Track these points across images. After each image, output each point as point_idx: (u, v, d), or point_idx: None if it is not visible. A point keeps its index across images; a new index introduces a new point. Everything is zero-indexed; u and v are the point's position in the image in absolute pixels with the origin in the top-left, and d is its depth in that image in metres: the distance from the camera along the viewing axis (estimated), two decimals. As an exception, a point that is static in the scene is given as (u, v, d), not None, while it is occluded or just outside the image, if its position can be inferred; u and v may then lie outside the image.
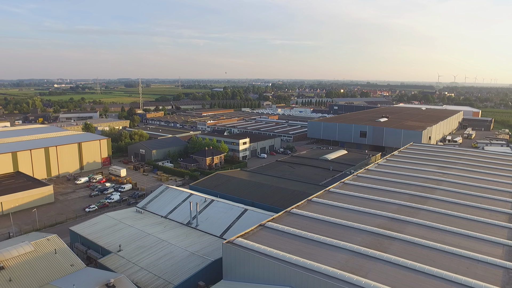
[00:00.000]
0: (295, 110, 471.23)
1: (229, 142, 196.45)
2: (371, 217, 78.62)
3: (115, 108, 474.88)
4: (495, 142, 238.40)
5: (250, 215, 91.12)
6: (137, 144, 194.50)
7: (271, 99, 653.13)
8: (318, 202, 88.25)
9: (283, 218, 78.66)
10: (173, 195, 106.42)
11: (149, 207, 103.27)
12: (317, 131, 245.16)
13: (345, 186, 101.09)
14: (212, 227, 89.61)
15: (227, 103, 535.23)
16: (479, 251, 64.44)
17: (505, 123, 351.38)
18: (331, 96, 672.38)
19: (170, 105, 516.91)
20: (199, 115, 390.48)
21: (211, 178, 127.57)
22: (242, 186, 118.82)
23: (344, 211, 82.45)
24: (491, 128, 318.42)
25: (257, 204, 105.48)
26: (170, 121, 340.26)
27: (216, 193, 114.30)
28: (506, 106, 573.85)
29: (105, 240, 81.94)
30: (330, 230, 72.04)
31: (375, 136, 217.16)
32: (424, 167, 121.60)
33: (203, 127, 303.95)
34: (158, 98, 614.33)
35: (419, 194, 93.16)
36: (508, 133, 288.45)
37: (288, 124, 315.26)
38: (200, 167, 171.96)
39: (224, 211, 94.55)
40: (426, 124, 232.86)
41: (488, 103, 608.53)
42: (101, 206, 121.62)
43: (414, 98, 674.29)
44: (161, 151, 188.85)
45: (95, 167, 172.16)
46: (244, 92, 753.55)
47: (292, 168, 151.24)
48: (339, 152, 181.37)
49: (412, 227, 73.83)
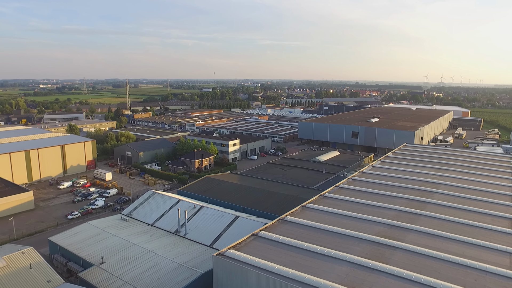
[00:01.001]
0: (285, 110, 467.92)
1: (218, 144, 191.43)
2: (370, 225, 74.60)
3: (102, 108, 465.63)
4: (486, 142, 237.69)
5: (241, 223, 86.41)
6: (123, 146, 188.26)
7: (260, 99, 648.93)
8: (313, 208, 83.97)
9: (277, 226, 74.12)
10: (160, 201, 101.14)
11: (135, 214, 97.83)
12: (308, 131, 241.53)
13: (341, 191, 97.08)
14: (202, 236, 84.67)
15: (216, 103, 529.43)
16: (485, 260, 60.78)
17: (494, 123, 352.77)
18: (321, 96, 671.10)
19: (158, 105, 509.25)
20: (188, 116, 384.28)
21: (200, 182, 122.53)
22: (232, 191, 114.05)
23: (341, 218, 78.32)
24: (481, 128, 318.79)
25: (248, 210, 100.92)
26: (158, 122, 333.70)
27: (205, 198, 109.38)
28: (494, 106, 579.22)
29: (86, 252, 76.44)
30: (327, 240, 67.76)
31: (367, 136, 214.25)
32: (420, 169, 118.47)
33: (192, 128, 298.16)
34: (146, 99, 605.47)
35: (417, 199, 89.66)
36: (498, 133, 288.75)
37: (278, 124, 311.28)
38: (189, 169, 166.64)
39: (214, 218, 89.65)
40: (417, 124, 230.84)
41: (476, 103, 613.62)
42: (85, 213, 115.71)
43: (403, 98, 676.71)
44: (149, 153, 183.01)
45: (80, 171, 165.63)
46: (233, 93, 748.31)
47: (284, 171, 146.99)
48: (332, 154, 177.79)
49: (413, 235, 69.96)
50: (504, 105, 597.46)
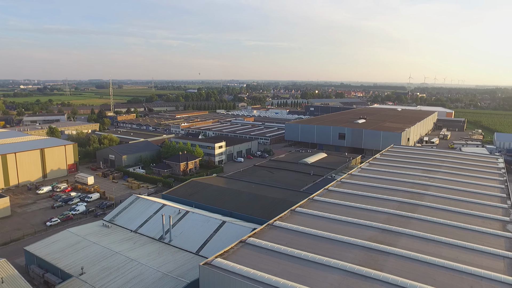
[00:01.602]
0: (271, 111, 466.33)
1: (204, 146, 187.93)
2: (361, 229, 72.59)
3: (85, 110, 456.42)
4: (470, 142, 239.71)
5: (228, 228, 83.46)
6: (106, 149, 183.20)
7: (246, 100, 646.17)
8: (302, 212, 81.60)
9: (266, 232, 71.46)
10: (144, 206, 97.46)
11: (117, 220, 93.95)
12: (294, 133, 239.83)
13: (330, 194, 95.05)
14: (187, 243, 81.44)
15: (201, 104, 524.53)
16: (480, 265, 59.27)
17: (477, 124, 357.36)
18: (307, 97, 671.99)
19: (143, 107, 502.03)
20: (173, 118, 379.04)
21: (186, 186, 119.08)
22: (219, 195, 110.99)
23: (331, 222, 76.15)
24: (465, 128, 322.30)
25: (235, 214, 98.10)
26: (142, 124, 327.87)
27: (191, 202, 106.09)
28: (476, 107, 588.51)
29: (65, 262, 72.47)
30: (318, 246, 65.38)
31: (354, 138, 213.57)
32: (409, 170, 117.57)
33: (177, 130, 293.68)
34: (130, 100, 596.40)
35: (408, 201, 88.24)
36: (482, 134, 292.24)
37: (265, 126, 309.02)
38: (174, 173, 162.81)
39: (200, 224, 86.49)
40: (404, 125, 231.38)
41: (459, 104, 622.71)
42: (65, 219, 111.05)
43: (388, 98, 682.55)
44: (132, 156, 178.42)
45: (60, 175, 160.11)
46: (219, 94, 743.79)
47: (271, 173, 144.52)
48: (319, 155, 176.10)
49: (405, 239, 68.17)
50: (485, 106, 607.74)
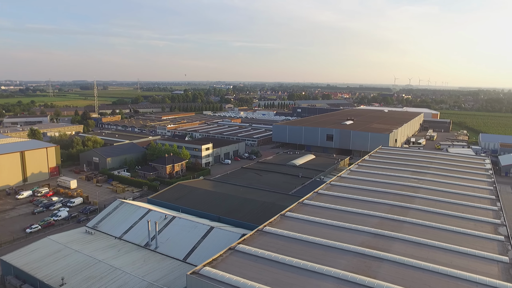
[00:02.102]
0: (258, 113, 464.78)
1: (190, 148, 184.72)
2: (353, 234, 70.89)
3: (69, 112, 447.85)
4: (456, 143, 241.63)
5: (216, 234, 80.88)
6: (90, 152, 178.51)
7: (233, 101, 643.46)
8: (292, 217, 79.53)
9: (256, 238, 69.15)
10: (129, 212, 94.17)
11: (101, 227, 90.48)
12: (282, 134, 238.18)
13: (320, 197, 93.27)
14: (174, 249, 78.60)
15: (188, 106, 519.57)
16: (474, 270, 58.03)
17: (462, 125, 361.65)
18: (293, 99, 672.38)
19: (128, 108, 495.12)
20: (159, 119, 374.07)
21: (172, 190, 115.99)
22: (206, 199, 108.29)
23: (323, 227, 74.26)
24: (450, 129, 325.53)
25: (223, 219, 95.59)
26: (127, 126, 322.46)
27: (177, 207, 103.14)
28: (460, 108, 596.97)
29: (45, 272, 68.91)
30: (310, 252, 63.36)
31: (342, 139, 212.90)
32: (398, 172, 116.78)
33: (163, 131, 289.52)
34: (116, 101, 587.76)
35: (399, 204, 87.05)
36: (467, 134, 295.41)
37: (252, 127, 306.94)
38: (160, 175, 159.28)
39: (187, 229, 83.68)
40: (391, 126, 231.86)
41: (443, 105, 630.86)
42: (46, 226, 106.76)
43: (374, 100, 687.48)
44: (117, 158, 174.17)
45: (42, 179, 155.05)
46: (205, 95, 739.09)
47: (259, 176, 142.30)
48: (307, 157, 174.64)
49: (398, 244, 66.66)
50: (469, 107, 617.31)
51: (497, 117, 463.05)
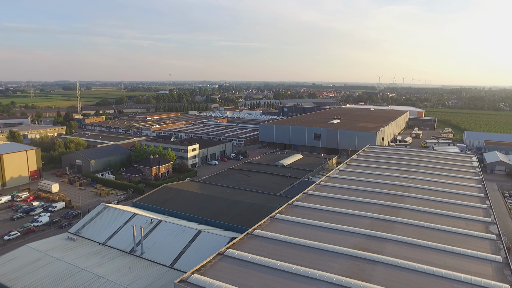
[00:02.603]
0: (244, 112, 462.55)
1: (176, 149, 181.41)
2: (345, 236, 69.32)
3: (51, 113, 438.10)
4: (442, 141, 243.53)
5: (204, 238, 78.38)
6: (72, 154, 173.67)
7: (218, 101, 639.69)
8: (282, 219, 77.59)
9: (245, 242, 66.97)
10: (113, 216, 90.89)
11: (84, 232, 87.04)
12: (269, 134, 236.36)
13: (309, 198, 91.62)
14: (161, 255, 75.83)
15: (173, 106, 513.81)
16: (468, 271, 56.99)
17: (446, 122, 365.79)
18: (279, 98, 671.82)
19: (112, 109, 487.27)
20: (144, 120, 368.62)
21: (158, 193, 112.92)
22: (193, 201, 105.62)
23: (314, 229, 72.51)
24: (435, 127, 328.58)
25: (211, 222, 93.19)
26: (111, 127, 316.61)
27: (164, 210, 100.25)
28: (444, 106, 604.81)
29: (23, 283, 65.39)
30: (301, 256, 61.49)
31: (329, 138, 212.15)
32: (387, 171, 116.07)
33: (148, 132, 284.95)
34: (99, 102, 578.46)
35: (390, 204, 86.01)
36: (452, 132, 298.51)
37: (238, 127, 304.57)
38: (145, 178, 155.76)
39: (174, 234, 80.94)
40: (378, 125, 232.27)
41: (427, 103, 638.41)
42: (25, 232, 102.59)
43: (359, 98, 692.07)
44: (101, 161, 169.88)
45: (21, 183, 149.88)
46: (191, 95, 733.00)
47: (247, 177, 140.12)
48: (295, 157, 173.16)
49: (391, 246, 65.30)
50: (453, 105, 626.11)
51: (479, 114, 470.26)
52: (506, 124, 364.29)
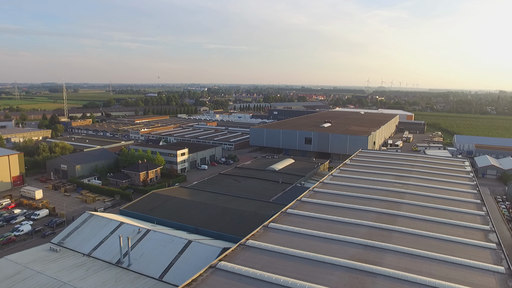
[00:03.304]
0: (234, 115, 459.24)
1: (165, 154, 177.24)
2: (342, 246, 66.53)
3: (36, 115, 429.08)
4: (433, 145, 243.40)
5: (195, 249, 74.92)
6: (57, 159, 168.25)
7: (208, 104, 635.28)
8: (276, 228, 74.53)
9: (238, 254, 63.73)
10: (99, 225, 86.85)
11: (68, 242, 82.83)
12: (260, 138, 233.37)
13: (303, 206, 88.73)
14: (149, 267, 72.13)
15: (162, 109, 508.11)
16: (471, 283, 54.66)
17: (436, 126, 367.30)
18: (269, 101, 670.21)
19: (100, 111, 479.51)
20: (132, 123, 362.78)
21: (146, 200, 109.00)
22: (183, 209, 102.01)
23: (309, 239, 69.59)
24: (425, 130, 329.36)
25: (202, 230, 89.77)
26: (99, 130, 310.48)
27: (152, 218, 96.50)
28: (432, 109, 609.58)
29: (1, 299, 61.26)
30: (297, 268, 58.49)
31: (320, 142, 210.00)
32: (381, 177, 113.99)
33: (136, 136, 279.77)
34: (87, 104, 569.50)
35: (386, 212, 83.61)
36: (441, 136, 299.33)
37: (228, 131, 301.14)
38: (133, 183, 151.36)
39: (163, 244, 77.31)
40: (369, 129, 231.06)
41: (416, 107, 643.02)
42: (5, 242, 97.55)
43: (348, 102, 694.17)
44: (87, 165, 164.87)
45: (3, 189, 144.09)
46: (180, 98, 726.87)
47: (237, 182, 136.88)
48: (286, 161, 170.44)
49: (391, 256, 62.68)
50: (441, 109, 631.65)
51: (467, 118, 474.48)
52: (494, 128, 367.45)
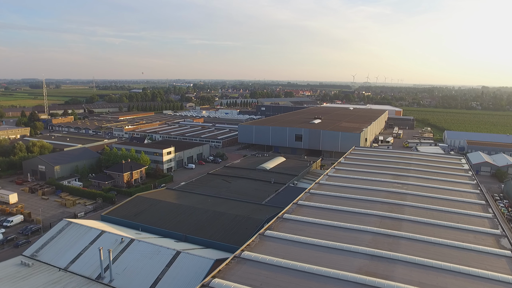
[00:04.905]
0: (221, 111, 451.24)
1: (150, 153, 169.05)
2: (347, 257, 60.45)
3: (15, 112, 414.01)
4: (424, 141, 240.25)
5: (184, 261, 67.92)
6: (35, 159, 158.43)
7: (194, 100, 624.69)
8: (273, 237, 68.06)
9: (233, 268, 57.03)
10: (77, 235, 79.11)
11: (42, 255, 74.90)
12: (248, 135, 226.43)
13: (300, 210, 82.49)
14: (133, 282, 64.93)
15: (146, 105, 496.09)
16: (494, 300, 49.26)
17: (424, 121, 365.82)
18: (256, 97, 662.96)
19: (82, 108, 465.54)
20: (116, 120, 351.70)
21: (130, 204, 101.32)
22: (170, 213, 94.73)
23: (310, 248, 63.36)
24: (414, 126, 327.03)
25: (191, 238, 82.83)
26: (81, 128, 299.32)
27: (137, 225, 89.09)
28: (419, 105, 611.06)
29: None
30: (300, 285, 52.23)
31: (311, 139, 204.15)
32: (378, 176, 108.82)
33: (120, 133, 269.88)
34: (69, 101, 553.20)
35: (389, 215, 77.99)
36: (431, 131, 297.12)
37: (215, 127, 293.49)
38: (117, 184, 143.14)
39: (149, 256, 70.09)
40: (360, 125, 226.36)
41: (403, 102, 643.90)
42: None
43: (336, 97, 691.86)
44: (67, 166, 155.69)
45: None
46: (165, 93, 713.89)
47: (227, 183, 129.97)
48: (277, 160, 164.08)
49: (401, 268, 56.85)
50: (427, 104, 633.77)
51: (454, 113, 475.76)
52: (481, 123, 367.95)
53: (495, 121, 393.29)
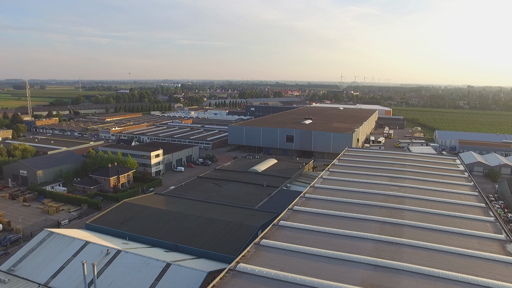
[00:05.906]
0: (210, 112, 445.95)
1: (138, 156, 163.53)
2: (348, 267, 56.86)
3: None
4: (415, 141, 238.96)
5: (175, 273, 63.52)
6: (16, 163, 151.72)
7: (182, 101, 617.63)
8: (269, 246, 64.10)
9: (228, 283, 52.99)
10: (59, 246, 74.04)
11: (21, 269, 69.66)
12: (239, 136, 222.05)
13: (296, 216, 78.73)
14: (119, 298, 60.34)
15: (134, 106, 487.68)
16: (506, 313, 46.04)
17: (414, 121, 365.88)
18: (245, 97, 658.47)
19: (68, 109, 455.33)
20: (102, 121, 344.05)
21: (116, 211, 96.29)
22: (159, 221, 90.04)
23: (309, 259, 59.63)
24: (404, 126, 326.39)
25: (182, 247, 78.37)
26: (66, 130, 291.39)
27: (124, 234, 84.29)
28: (408, 104, 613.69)
29: None
30: (301, 301, 48.42)
31: (302, 140, 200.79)
32: (374, 178, 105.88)
33: (107, 135, 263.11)
34: (53, 102, 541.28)
35: (389, 221, 74.76)
36: (421, 131, 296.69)
37: (205, 129, 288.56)
38: (103, 189, 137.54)
39: (137, 268, 65.49)
40: (352, 125, 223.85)
41: (391, 102, 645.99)
42: None
43: (325, 97, 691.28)
44: (50, 170, 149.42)
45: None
46: (153, 94, 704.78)
47: (218, 187, 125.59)
48: (269, 162, 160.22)
49: (407, 280, 53.50)
50: (415, 103, 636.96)
51: (442, 113, 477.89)
52: (470, 122, 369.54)
53: (483, 120, 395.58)
